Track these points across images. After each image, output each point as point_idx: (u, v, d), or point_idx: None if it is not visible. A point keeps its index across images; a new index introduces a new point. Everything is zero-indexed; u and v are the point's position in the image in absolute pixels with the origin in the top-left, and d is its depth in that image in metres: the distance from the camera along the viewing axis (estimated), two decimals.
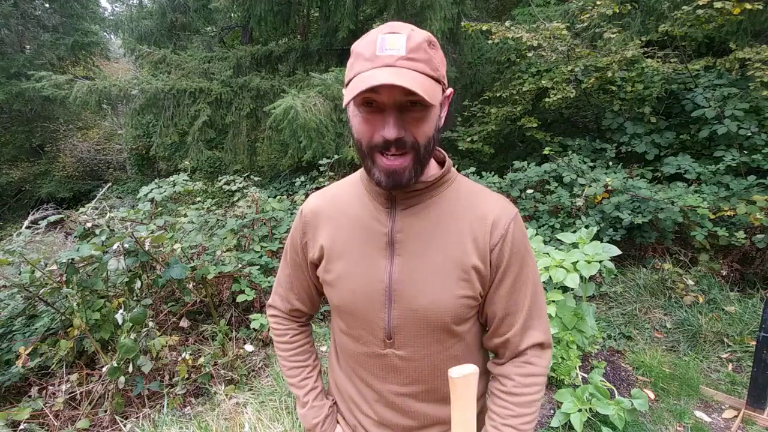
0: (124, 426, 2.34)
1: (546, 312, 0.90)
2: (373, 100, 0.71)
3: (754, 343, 2.56)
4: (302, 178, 4.88)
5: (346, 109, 0.79)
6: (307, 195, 4.45)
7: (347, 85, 0.73)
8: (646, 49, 4.74)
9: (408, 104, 0.70)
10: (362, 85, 0.66)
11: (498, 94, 5.61)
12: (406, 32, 0.70)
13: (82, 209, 3.96)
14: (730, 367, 2.81)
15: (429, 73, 0.70)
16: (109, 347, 2.63)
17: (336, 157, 4.66)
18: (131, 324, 2.49)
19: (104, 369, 2.39)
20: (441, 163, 0.88)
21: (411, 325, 0.82)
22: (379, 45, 0.69)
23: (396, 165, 0.72)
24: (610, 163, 4.52)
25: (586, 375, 2.60)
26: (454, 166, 0.89)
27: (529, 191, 4.30)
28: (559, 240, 2.88)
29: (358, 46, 0.73)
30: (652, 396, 2.53)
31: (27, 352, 2.40)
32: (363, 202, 0.87)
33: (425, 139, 0.73)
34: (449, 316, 0.81)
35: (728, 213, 3.52)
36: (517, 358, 0.87)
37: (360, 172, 0.91)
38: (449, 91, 0.80)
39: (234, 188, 4.28)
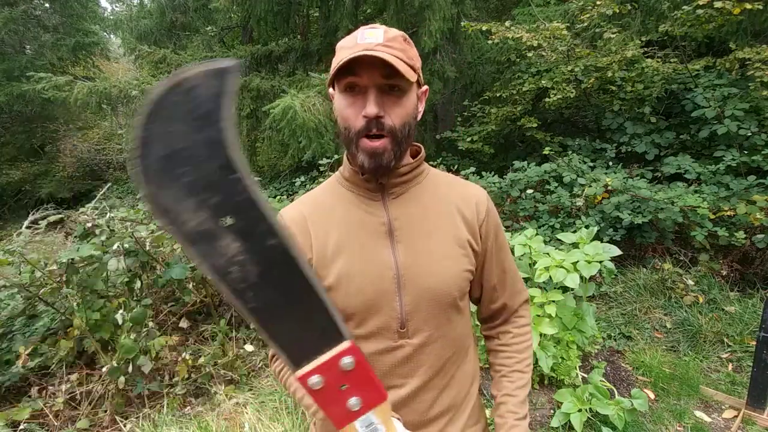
0: (124, 426, 2.34)
1: None
2: (354, 84, 0.76)
3: (754, 343, 2.56)
4: (302, 178, 4.88)
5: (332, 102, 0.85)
6: None
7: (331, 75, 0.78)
8: (646, 49, 4.73)
9: (387, 88, 0.76)
10: (343, 61, 0.72)
11: (498, 94, 5.59)
12: (383, 28, 0.78)
13: (82, 209, 3.94)
14: (730, 367, 2.81)
15: (405, 60, 0.76)
16: (109, 347, 2.63)
17: (336, 157, 4.65)
18: (131, 324, 2.49)
19: (104, 369, 2.39)
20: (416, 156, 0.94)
21: (423, 308, 0.84)
22: (359, 36, 0.76)
23: (377, 145, 0.78)
24: (610, 163, 4.52)
25: (586, 375, 2.60)
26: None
27: (529, 191, 4.29)
28: (559, 240, 2.88)
29: (340, 42, 0.80)
30: (652, 396, 2.53)
31: (27, 352, 2.41)
32: (349, 200, 0.88)
33: (402, 123, 0.79)
34: (456, 291, 0.86)
35: (728, 213, 3.51)
36: (512, 316, 1.00)
37: (334, 177, 0.93)
38: (425, 87, 0.86)
39: None
